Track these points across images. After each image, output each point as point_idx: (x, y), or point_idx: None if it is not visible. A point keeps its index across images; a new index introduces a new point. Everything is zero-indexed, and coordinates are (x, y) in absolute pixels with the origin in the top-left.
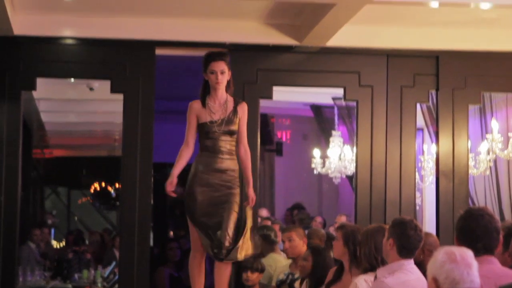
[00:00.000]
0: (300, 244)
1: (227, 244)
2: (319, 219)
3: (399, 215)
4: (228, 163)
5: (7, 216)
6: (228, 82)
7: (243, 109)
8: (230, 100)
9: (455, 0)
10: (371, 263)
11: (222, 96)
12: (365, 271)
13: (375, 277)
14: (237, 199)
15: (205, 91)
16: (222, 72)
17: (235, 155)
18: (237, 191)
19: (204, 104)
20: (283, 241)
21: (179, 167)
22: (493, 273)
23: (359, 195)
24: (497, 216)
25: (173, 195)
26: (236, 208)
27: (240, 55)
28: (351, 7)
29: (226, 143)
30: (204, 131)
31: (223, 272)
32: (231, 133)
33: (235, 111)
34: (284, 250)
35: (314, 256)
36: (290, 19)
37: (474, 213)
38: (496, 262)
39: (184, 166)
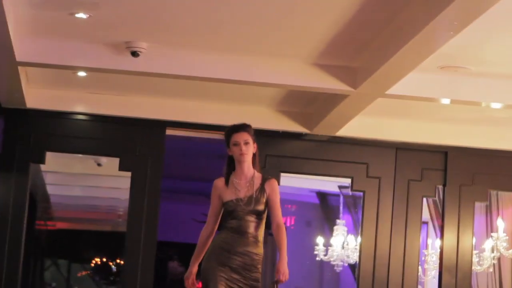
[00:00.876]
0: None
1: None
2: None
3: None
4: (252, 247)
5: (8, 286)
6: (254, 156)
7: (271, 185)
8: (258, 177)
9: (466, 98)
10: None
11: (248, 172)
12: None
13: None
14: (259, 285)
15: (230, 168)
16: (246, 143)
17: (260, 240)
18: (259, 276)
19: (227, 182)
20: None
21: (198, 256)
22: None
23: (361, 285)
24: None
25: None
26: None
27: None
28: (363, 99)
29: (251, 224)
30: (229, 210)
31: None
32: (257, 213)
33: (262, 189)
34: None
35: None
36: (301, 107)
37: None
38: None
39: (202, 254)
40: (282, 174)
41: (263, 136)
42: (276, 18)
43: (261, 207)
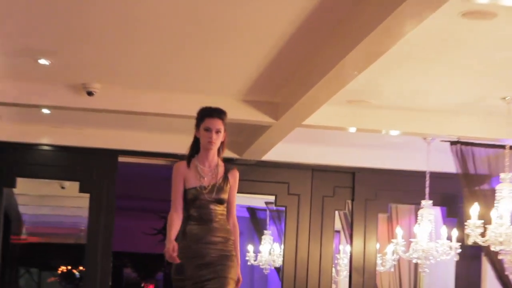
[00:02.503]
0: None
1: None
2: None
3: None
4: (221, 233)
5: None
6: (222, 144)
7: (235, 176)
8: (221, 165)
9: (369, 127)
10: None
11: (213, 159)
12: None
13: None
14: (233, 272)
15: (193, 151)
16: (218, 132)
17: (227, 224)
18: (234, 263)
19: (189, 165)
20: None
21: (174, 232)
22: None
23: (284, 285)
24: None
25: (177, 261)
26: (232, 282)
27: None
28: (283, 129)
29: (216, 211)
30: (191, 198)
31: None
32: (220, 202)
33: (225, 177)
34: None
35: None
36: (233, 137)
37: None
38: None
39: (176, 232)
40: None
41: None
42: (213, 63)
43: (225, 195)
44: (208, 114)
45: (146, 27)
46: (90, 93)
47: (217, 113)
